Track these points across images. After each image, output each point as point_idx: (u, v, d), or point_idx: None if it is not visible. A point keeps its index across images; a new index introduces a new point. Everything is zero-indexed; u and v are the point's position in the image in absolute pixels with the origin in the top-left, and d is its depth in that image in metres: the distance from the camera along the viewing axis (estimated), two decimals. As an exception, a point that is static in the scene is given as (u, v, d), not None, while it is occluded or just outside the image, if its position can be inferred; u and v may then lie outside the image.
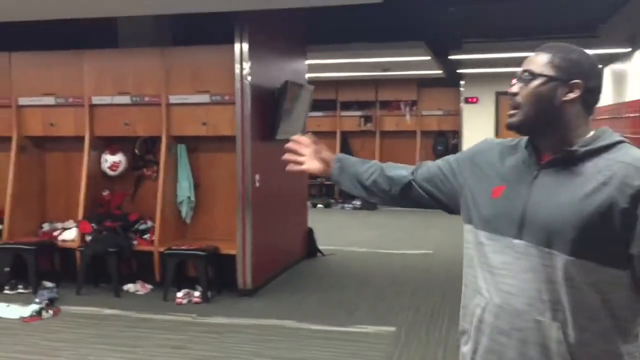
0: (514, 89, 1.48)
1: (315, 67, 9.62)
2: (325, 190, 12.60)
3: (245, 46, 5.52)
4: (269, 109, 5.97)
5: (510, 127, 1.50)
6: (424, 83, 11.97)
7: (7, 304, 5.20)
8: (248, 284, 5.67)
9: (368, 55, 8.71)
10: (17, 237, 6.06)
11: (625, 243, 1.35)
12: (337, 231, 9.32)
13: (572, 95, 1.43)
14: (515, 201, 1.46)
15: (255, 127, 5.73)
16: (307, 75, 7.58)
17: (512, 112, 1.49)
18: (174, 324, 4.89)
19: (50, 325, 4.84)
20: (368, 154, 12.44)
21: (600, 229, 1.34)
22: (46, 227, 6.37)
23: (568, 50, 1.46)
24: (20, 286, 5.79)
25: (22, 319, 4.96)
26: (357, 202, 11.84)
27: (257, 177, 5.76)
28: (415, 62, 9.11)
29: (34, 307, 5.12)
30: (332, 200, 12.18)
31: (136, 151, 6.23)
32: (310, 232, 7.39)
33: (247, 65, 5.54)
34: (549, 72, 1.44)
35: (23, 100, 6.17)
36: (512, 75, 1.57)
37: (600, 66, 1.51)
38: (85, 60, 6.01)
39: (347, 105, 12.56)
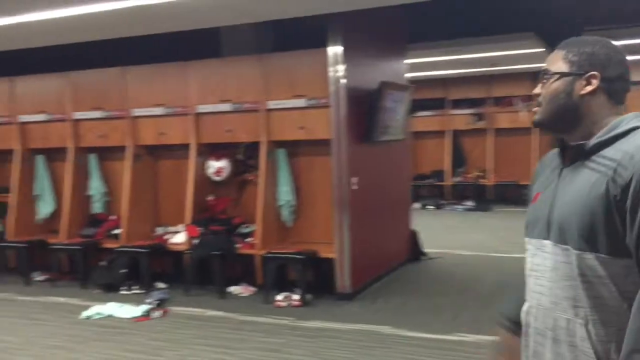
0: (536, 90, 1.50)
1: (420, 65, 9.42)
2: (436, 190, 12.31)
3: (339, 49, 5.50)
4: (366, 111, 5.89)
5: (534, 124, 1.53)
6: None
7: (120, 305, 5.53)
8: (347, 287, 5.63)
9: (473, 51, 8.39)
10: (133, 241, 6.44)
11: (624, 233, 1.31)
12: (445, 233, 9.07)
13: (589, 88, 1.42)
14: (545, 203, 1.48)
15: (352, 130, 5.69)
16: (412, 74, 7.42)
17: (534, 109, 1.51)
18: (272, 326, 4.96)
19: (157, 325, 5.08)
20: (480, 152, 12.03)
21: (602, 221, 1.32)
22: (159, 230, 6.73)
23: (582, 44, 1.45)
24: (135, 287, 6.15)
25: (133, 318, 5.26)
26: (470, 203, 11.46)
27: (354, 180, 5.71)
28: (526, 55, 8.63)
29: (144, 307, 5.41)
30: (443, 202, 11.87)
31: (239, 157, 6.41)
32: (414, 234, 7.22)
33: (341, 68, 5.51)
34: (564, 68, 1.45)
35: (137, 112, 6.55)
36: None
37: (621, 54, 1.45)
38: (191, 70, 6.28)
39: (457, 103, 12.17)
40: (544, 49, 8.20)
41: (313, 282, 5.72)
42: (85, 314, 5.38)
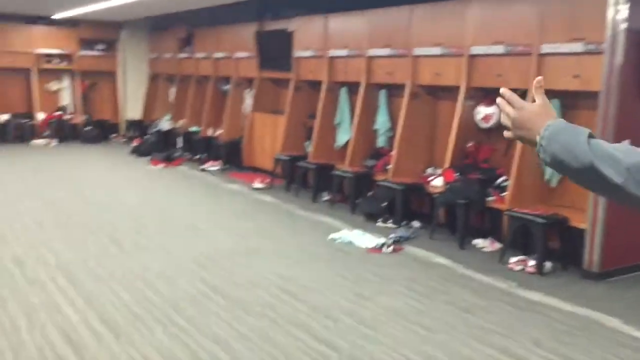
0: None
1: None
2: None
3: (623, -18, 4.54)
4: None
5: None
6: None
7: (362, 233, 5.88)
8: (594, 265, 4.87)
9: None
10: (401, 177, 6.66)
11: None
12: None
13: None
14: None
15: (630, 83, 4.71)
16: None
17: None
18: (486, 287, 4.66)
19: (381, 259, 5.27)
20: None
21: None
22: (429, 171, 6.79)
23: None
24: (390, 221, 6.41)
25: (367, 249, 5.55)
26: None
27: (626, 142, 4.76)
28: None
29: (381, 240, 5.64)
30: None
31: (512, 104, 5.93)
32: None
33: (623, 8, 4.56)
34: None
35: (417, 51, 6.59)
36: None
37: None
38: (469, 9, 5.99)
39: None
40: None
41: (561, 251, 5.11)
42: (332, 236, 5.89)
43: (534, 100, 1.35)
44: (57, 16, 12.11)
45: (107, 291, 4.37)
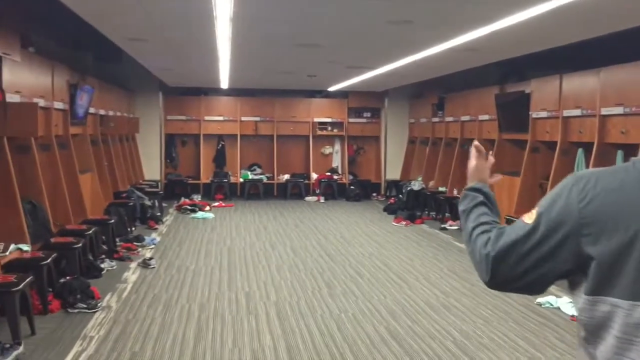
0: None
1: None
2: None
3: None
4: None
5: None
6: None
7: (571, 302, 5.52)
8: None
9: None
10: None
11: None
12: None
13: None
14: None
15: None
16: None
17: None
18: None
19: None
20: None
21: None
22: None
23: None
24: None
25: (570, 316, 5.22)
26: None
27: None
28: None
29: (588, 309, 5.25)
30: None
31: None
32: None
33: None
34: None
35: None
36: None
37: None
38: None
39: None
40: None
41: None
42: (539, 300, 5.67)
43: None
44: (331, 89, 13.81)
45: (302, 326, 4.99)
